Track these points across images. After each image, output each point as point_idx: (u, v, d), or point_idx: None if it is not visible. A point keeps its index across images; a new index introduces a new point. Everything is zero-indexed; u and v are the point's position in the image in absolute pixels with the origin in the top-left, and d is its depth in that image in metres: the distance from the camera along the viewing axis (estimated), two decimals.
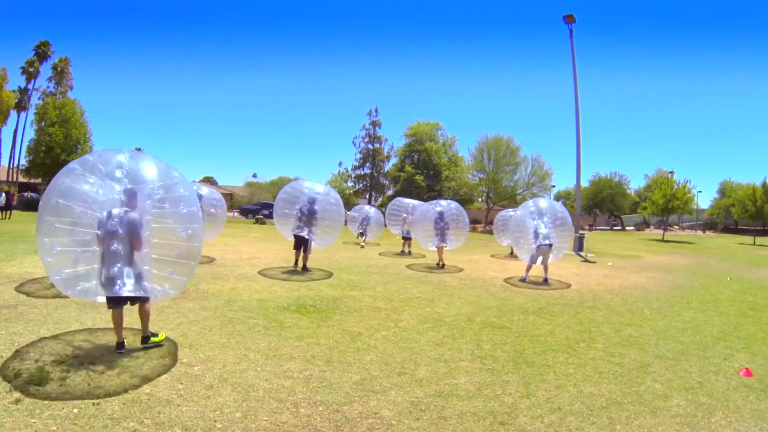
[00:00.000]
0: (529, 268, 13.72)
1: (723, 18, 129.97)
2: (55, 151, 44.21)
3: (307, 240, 13.34)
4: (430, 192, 55.57)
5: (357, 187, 64.18)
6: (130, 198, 5.75)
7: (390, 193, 61.78)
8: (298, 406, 4.81)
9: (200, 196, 13.62)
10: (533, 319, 9.03)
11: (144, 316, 6.15)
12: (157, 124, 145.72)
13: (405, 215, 21.50)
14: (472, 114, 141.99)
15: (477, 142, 52.46)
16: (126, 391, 4.93)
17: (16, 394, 4.74)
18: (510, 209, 22.58)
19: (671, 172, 52.41)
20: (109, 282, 5.68)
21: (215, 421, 4.39)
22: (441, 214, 16.78)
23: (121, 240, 5.60)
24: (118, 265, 5.63)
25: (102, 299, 5.93)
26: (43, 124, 45.79)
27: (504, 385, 5.60)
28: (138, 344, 6.28)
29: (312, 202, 13.50)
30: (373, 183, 63.63)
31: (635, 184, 74.13)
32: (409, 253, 20.30)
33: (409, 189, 56.23)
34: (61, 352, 5.99)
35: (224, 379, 5.37)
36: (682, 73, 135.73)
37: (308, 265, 13.74)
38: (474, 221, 54.39)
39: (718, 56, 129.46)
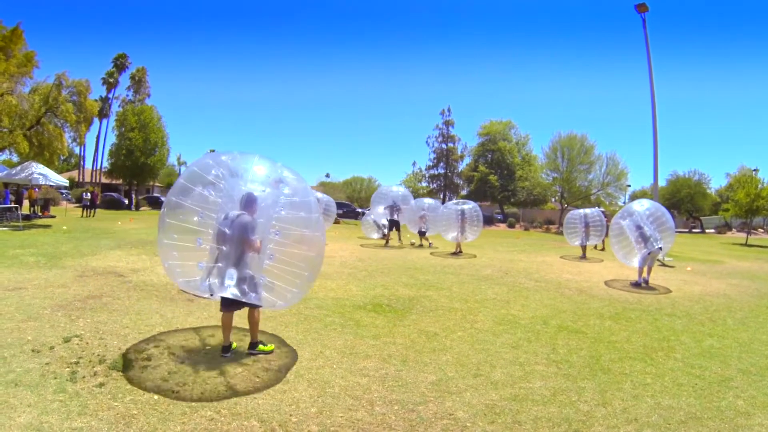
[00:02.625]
0: (641, 271, 13.46)
1: None
2: (135, 154, 47.99)
3: None
4: (503, 192, 55.08)
5: (431, 186, 64.22)
6: (250, 203, 5.77)
7: (464, 192, 61.50)
8: (373, 404, 4.90)
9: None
10: (609, 324, 8.86)
11: (252, 323, 6.13)
12: (229, 124, 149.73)
13: (423, 212, 22.99)
14: (545, 112, 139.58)
15: (550, 141, 51.39)
16: (205, 381, 5.19)
17: (101, 378, 5.12)
18: (580, 209, 22.12)
19: (755, 170, 49.94)
20: (213, 282, 5.71)
21: (291, 415, 4.53)
22: (462, 212, 20.32)
23: (231, 241, 5.61)
24: (223, 264, 5.65)
25: (218, 297, 5.89)
26: (123, 129, 49.41)
27: (580, 392, 5.55)
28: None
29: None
30: (447, 183, 63.58)
31: (716, 183, 70.96)
32: (430, 245, 22.62)
33: (483, 189, 55.98)
34: (141, 340, 6.44)
35: (300, 375, 5.54)
36: (765, 64, 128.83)
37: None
38: (548, 222, 53.54)
39: None
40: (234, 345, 6.24)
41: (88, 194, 33.44)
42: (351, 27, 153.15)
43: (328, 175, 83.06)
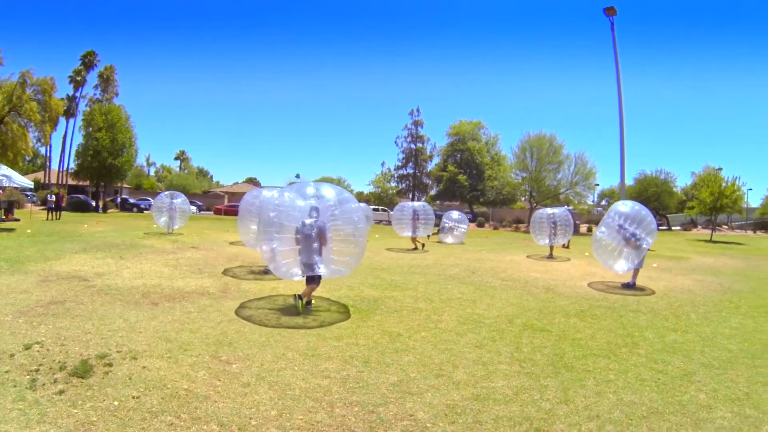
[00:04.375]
0: (636, 274, 13.48)
1: None
2: (102, 154, 46.51)
3: None
4: (472, 191, 55.32)
5: (400, 186, 64.26)
6: (317, 212, 8.52)
7: (433, 192, 61.67)
8: (333, 406, 4.89)
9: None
10: (574, 321, 8.96)
11: (311, 290, 8.77)
12: (200, 126, 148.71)
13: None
14: (515, 112, 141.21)
15: (519, 141, 51.89)
16: (165, 386, 5.13)
17: (61, 386, 5.03)
18: (548, 209, 22.32)
19: (719, 169, 50.98)
20: (308, 267, 8.49)
21: (250, 419, 4.50)
22: (415, 211, 22.90)
23: (315, 239, 8.40)
24: (315, 256, 8.46)
25: (299, 277, 8.74)
26: (90, 129, 48.07)
27: (542, 390, 5.59)
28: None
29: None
30: (416, 183, 63.65)
31: (682, 182, 72.05)
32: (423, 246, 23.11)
33: (452, 189, 56.18)
34: (103, 346, 6.34)
35: (261, 378, 5.52)
36: (730, 67, 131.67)
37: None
38: (517, 221, 54.00)
39: (764, 47, 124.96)
40: (313, 301, 9.29)
41: (53, 196, 32.67)
42: (322, 28, 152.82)
43: (298, 176, 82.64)
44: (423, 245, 22.74)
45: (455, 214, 28.63)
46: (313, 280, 8.66)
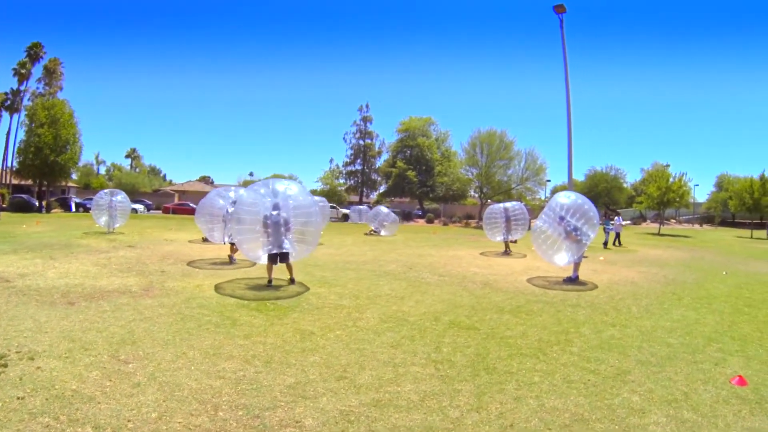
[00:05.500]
0: (578, 267, 12.74)
1: (720, 12, 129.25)
2: (44, 152, 43.61)
3: None
4: (422, 187, 54.85)
5: (349, 183, 63.38)
6: (280, 206, 10.42)
7: (382, 189, 61.02)
8: (218, 409, 4.48)
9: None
10: (507, 318, 8.27)
11: (289, 268, 10.90)
12: (152, 123, 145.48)
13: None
14: (466, 109, 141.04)
15: (469, 137, 51.74)
16: (53, 386, 4.83)
17: None
18: (500, 204, 21.54)
19: (667, 166, 51.82)
20: (275, 246, 10.38)
21: (129, 421, 4.19)
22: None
23: (282, 226, 10.42)
24: (283, 239, 10.45)
25: (264, 259, 10.61)
26: (32, 125, 44.98)
27: (453, 396, 4.91)
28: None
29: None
30: (365, 179, 62.85)
31: (632, 178, 73.49)
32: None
33: (401, 185, 55.51)
34: (4, 347, 6.00)
35: (154, 378, 5.16)
36: (678, 67, 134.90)
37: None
38: (468, 216, 53.79)
39: (714, 50, 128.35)
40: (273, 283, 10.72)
41: None
42: (272, 26, 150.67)
43: (252, 174, 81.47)
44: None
45: (384, 208, 31.95)
46: (273, 259, 10.49)
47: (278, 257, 10.50)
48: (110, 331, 6.79)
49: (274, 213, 10.32)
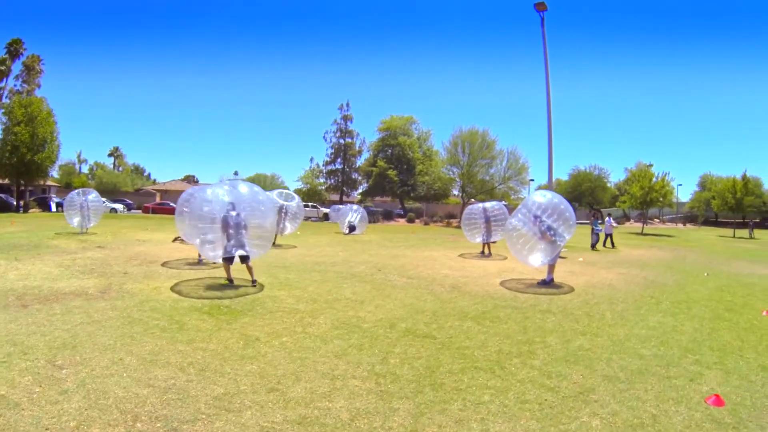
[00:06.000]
0: (552, 269, 12.16)
1: (704, 12, 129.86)
2: (20, 150, 42.33)
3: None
4: (403, 186, 54.19)
5: (329, 182, 62.53)
6: (234, 206, 10.38)
7: (363, 188, 60.32)
8: (137, 419, 4.26)
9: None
10: (469, 326, 7.66)
11: (249, 269, 10.63)
12: (137, 122, 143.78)
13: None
14: (448, 108, 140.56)
15: (451, 136, 50.98)
16: None
17: None
18: (480, 204, 20.77)
19: (650, 165, 51.52)
20: (233, 248, 10.23)
21: (47, 429, 4.04)
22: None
23: (242, 227, 10.35)
24: (243, 240, 10.35)
25: (220, 259, 10.40)
26: (9, 123, 43.82)
27: (388, 415, 4.36)
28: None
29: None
30: (345, 178, 61.98)
31: (615, 177, 73.33)
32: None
33: (381, 184, 54.79)
34: None
35: (84, 384, 4.96)
36: (663, 66, 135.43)
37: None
38: (449, 216, 53.24)
39: (699, 50, 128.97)
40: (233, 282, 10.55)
41: None
42: (254, 25, 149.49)
43: (236, 173, 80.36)
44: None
45: (354, 206, 32.83)
46: (231, 261, 10.40)
47: (235, 258, 10.40)
48: (54, 335, 6.52)
49: (233, 214, 10.25)
